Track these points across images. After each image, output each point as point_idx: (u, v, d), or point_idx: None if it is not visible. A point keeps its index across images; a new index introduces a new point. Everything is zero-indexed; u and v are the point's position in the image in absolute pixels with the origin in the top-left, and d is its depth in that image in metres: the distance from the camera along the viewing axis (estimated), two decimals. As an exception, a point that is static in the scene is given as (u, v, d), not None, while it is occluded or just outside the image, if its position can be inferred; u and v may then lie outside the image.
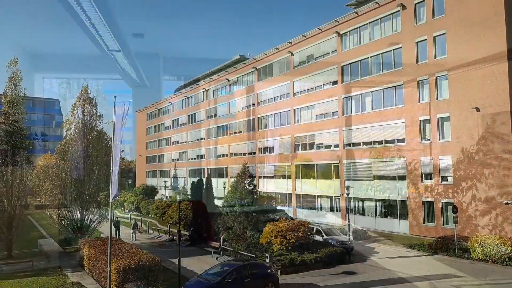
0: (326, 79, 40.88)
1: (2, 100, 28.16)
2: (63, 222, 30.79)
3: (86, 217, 30.44)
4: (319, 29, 41.54)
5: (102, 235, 33.15)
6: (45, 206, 36.17)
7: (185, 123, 68.88)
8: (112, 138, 16.36)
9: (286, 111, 45.93)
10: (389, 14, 34.45)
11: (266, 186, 49.01)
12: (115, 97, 15.95)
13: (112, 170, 15.30)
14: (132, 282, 16.59)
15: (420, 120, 31.62)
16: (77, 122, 31.15)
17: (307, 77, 43.15)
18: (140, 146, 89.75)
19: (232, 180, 42.11)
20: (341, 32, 39.13)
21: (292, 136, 44.73)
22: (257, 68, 50.89)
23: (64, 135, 32.74)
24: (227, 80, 56.89)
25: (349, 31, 38.56)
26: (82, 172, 30.09)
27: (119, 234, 34.36)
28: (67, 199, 29.75)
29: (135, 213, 53.49)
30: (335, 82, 39.63)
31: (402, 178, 33.02)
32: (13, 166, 27.20)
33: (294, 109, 44.61)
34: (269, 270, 19.03)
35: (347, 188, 27.21)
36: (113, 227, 34.12)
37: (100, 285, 19.80)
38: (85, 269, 23.03)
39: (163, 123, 78.13)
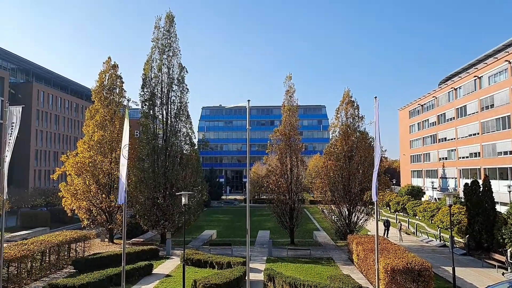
0: None
1: (281, 111, 33.27)
2: (333, 217, 33.35)
3: (354, 214, 31.84)
4: None
5: (369, 233, 33.92)
6: (317, 202, 40.40)
7: (453, 118, 61.81)
8: (375, 138, 16.34)
9: None
10: None
11: None
12: (375, 97, 15.79)
13: (374, 168, 15.25)
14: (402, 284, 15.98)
15: None
16: (341, 124, 33.12)
17: None
18: (403, 144, 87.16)
19: (519, 182, 34.47)
20: None
21: None
22: (552, 39, 39.88)
23: (330, 137, 35.45)
24: (507, 62, 47.34)
25: None
26: (348, 171, 31.70)
27: (387, 233, 34.23)
28: (335, 196, 32.00)
29: (401, 213, 52.11)
30: None
31: None
32: (291, 165, 31.68)
33: None
34: None
35: None
36: (382, 226, 34.48)
37: (369, 282, 20.15)
38: (354, 263, 24.03)
39: (427, 120, 72.87)
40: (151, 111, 31.18)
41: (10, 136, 16.79)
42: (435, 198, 58.77)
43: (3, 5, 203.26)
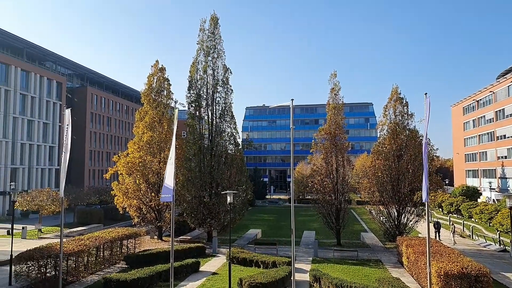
0: None
1: (326, 109, 32.70)
2: (381, 218, 32.30)
3: (403, 215, 30.65)
4: None
5: (419, 235, 32.51)
6: (364, 202, 39.33)
7: (513, 114, 57.68)
8: (424, 136, 15.55)
9: None
10: None
11: None
12: (425, 94, 15.10)
13: (424, 168, 14.52)
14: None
15: None
16: (389, 122, 31.99)
17: None
18: (456, 143, 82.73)
19: None
20: None
21: None
22: None
23: (378, 136, 34.35)
24: None
25: None
26: (397, 171, 30.59)
27: (439, 236, 32.65)
28: (383, 196, 30.96)
29: (455, 215, 49.48)
30: None
31: None
32: (337, 165, 31.05)
33: None
34: None
35: None
36: (432, 228, 32.92)
37: (420, 286, 19.27)
38: (404, 266, 23.11)
39: (483, 116, 68.56)
40: (197, 112, 31.88)
41: (66, 137, 17.82)
42: (493, 200, 55.16)
43: (61, 17, 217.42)
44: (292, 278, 16.59)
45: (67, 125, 17.27)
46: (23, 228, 35.59)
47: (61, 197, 17.45)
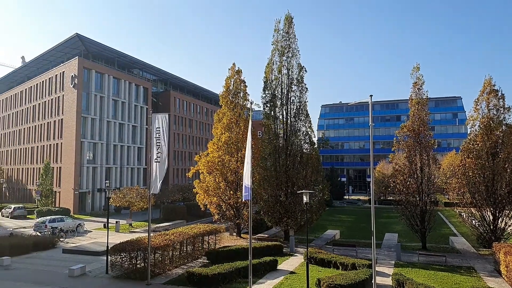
0: None
1: (409, 105, 30.79)
2: (473, 221, 29.58)
3: (500, 219, 27.71)
4: None
5: (520, 242, 29.17)
6: (453, 204, 36.29)
7: None
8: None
9: None
10: None
11: None
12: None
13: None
14: None
15: None
16: (481, 117, 29.18)
17: None
18: None
19: None
20: None
21: None
22: None
23: (468, 132, 31.49)
24: None
25: None
26: (491, 170, 27.80)
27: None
28: (475, 198, 28.30)
29: None
30: None
31: None
32: (421, 164, 29.07)
33: None
34: None
35: None
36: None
37: (523, 299, 17.24)
38: (503, 276, 20.84)
39: None
40: (272, 112, 32.10)
41: (158, 139, 19.09)
42: None
43: (144, 32, 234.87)
44: (373, 281, 15.88)
45: (158, 128, 18.52)
46: (116, 222, 39.06)
47: (149, 195, 18.78)
